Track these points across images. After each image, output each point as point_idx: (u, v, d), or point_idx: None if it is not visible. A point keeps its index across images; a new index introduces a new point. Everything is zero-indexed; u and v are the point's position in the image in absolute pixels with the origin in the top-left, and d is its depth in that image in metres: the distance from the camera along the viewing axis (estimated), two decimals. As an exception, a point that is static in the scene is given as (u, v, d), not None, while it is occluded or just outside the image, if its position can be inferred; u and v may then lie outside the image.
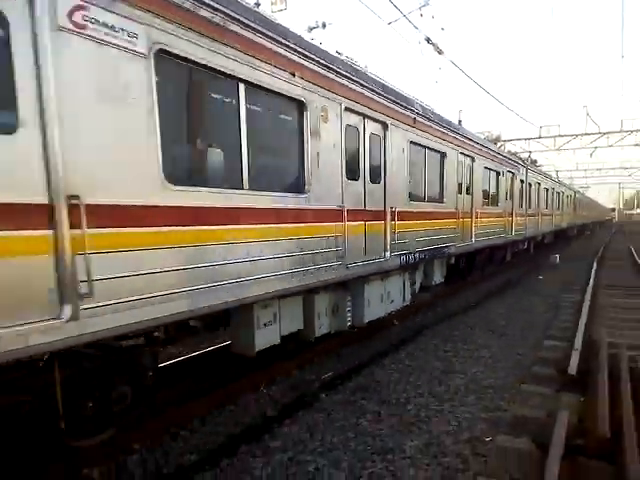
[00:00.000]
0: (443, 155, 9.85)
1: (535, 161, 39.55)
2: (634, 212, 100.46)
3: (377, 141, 7.32)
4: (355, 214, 6.61)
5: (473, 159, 11.74)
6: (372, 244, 7.09)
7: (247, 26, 4.59)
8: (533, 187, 20.71)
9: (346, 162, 6.36)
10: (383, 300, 7.94)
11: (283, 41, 5.08)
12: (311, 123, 5.64)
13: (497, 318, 9.44)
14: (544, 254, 21.42)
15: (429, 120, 9.02)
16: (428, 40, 15.81)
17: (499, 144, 35.29)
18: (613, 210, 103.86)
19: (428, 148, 9.08)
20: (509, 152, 22.58)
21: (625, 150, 48.82)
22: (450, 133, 10.16)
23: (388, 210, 7.52)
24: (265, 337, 5.59)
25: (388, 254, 7.50)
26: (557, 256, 20.16)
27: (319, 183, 5.80)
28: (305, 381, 6.10)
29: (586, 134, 33.91)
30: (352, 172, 6.59)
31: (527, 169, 20.23)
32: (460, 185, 10.83)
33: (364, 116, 6.86)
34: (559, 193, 29.88)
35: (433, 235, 9.26)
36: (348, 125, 6.49)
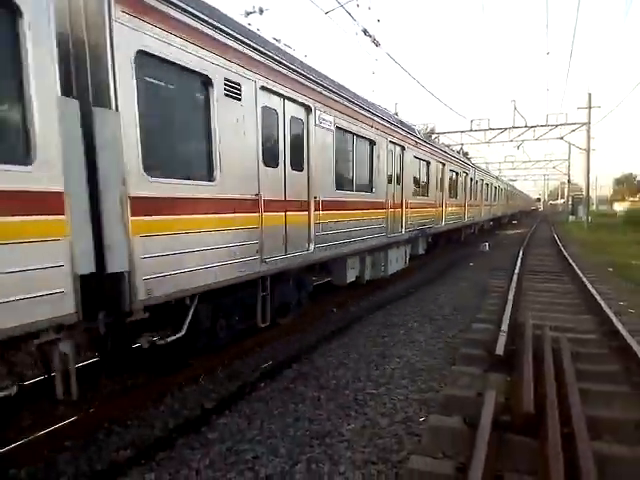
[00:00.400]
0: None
1: (467, 153, 41.10)
2: (558, 202, 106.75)
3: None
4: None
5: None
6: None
7: None
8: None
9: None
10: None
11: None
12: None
13: (430, 304, 9.78)
14: (475, 243, 22.37)
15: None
16: (365, 32, 15.97)
17: (434, 136, 36.38)
18: (538, 200, 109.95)
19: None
20: (460, 153, 24.84)
21: (550, 143, 51.62)
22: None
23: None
24: (350, 275, 9.31)
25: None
26: (487, 244, 21.14)
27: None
28: (245, 371, 6.07)
29: (514, 127, 35.58)
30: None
31: (476, 169, 22.98)
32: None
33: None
34: (496, 187, 33.08)
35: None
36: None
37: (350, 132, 8.66)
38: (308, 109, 7.10)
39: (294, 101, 6.71)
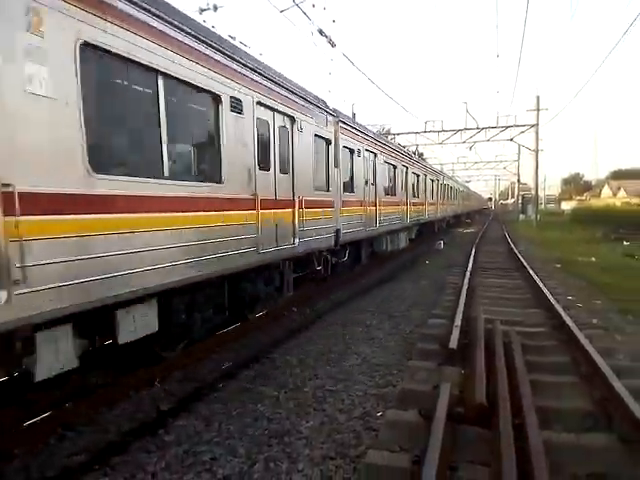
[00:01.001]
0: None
1: (422, 154, 41.98)
2: (508, 202, 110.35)
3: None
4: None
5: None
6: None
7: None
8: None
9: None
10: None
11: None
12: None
13: (388, 301, 9.93)
14: (431, 241, 22.85)
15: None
16: (321, 32, 16.01)
17: (390, 137, 37.00)
18: (490, 200, 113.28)
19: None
20: (415, 154, 27.43)
21: (501, 144, 53.42)
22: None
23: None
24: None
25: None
26: (442, 242, 21.64)
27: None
28: (203, 373, 5.99)
29: (466, 129, 36.54)
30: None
31: (443, 175, 26.44)
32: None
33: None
34: (452, 187, 35.88)
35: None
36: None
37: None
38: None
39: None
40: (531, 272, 11.94)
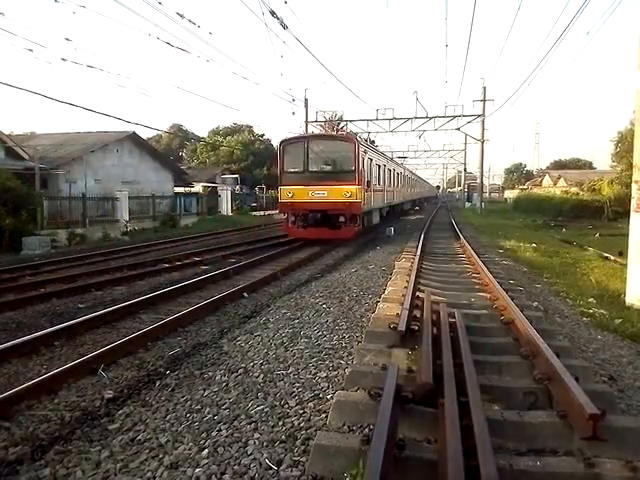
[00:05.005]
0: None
1: (373, 142, 42.46)
2: (455, 190, 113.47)
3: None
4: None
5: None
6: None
7: None
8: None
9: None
10: None
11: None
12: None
13: (339, 286, 10.00)
14: (382, 228, 23.18)
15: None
16: (272, 13, 15.74)
17: (342, 124, 37.16)
18: (438, 188, 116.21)
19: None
20: (367, 142, 31.82)
21: (449, 134, 54.68)
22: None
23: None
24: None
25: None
26: (392, 228, 22.00)
27: None
28: (149, 360, 5.85)
29: (416, 118, 37.13)
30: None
31: (404, 167, 35.26)
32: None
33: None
34: (405, 176, 37.64)
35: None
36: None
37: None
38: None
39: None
40: (475, 257, 12.31)
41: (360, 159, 17.35)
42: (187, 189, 39.11)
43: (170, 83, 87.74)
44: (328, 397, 4.57)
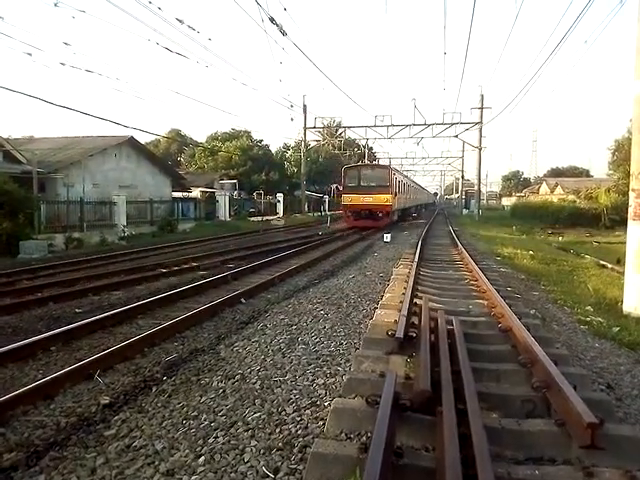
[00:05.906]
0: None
1: (371, 148, 42.74)
2: (453, 197, 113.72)
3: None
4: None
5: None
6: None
7: None
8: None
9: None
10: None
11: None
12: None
13: (336, 292, 9.99)
14: (379, 235, 23.18)
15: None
16: (272, 20, 15.81)
17: (340, 130, 37.56)
18: (436, 195, 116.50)
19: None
20: (365, 148, 38.23)
21: (446, 141, 54.91)
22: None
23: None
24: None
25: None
26: (389, 235, 22.00)
27: None
28: (146, 366, 5.82)
29: (414, 125, 37.31)
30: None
31: (409, 178, 45.67)
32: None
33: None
34: (409, 185, 44.22)
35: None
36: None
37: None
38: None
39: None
40: (473, 264, 12.32)
41: (392, 179, 29.89)
42: (185, 194, 39.05)
43: (169, 88, 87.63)
44: (325, 404, 4.56)
